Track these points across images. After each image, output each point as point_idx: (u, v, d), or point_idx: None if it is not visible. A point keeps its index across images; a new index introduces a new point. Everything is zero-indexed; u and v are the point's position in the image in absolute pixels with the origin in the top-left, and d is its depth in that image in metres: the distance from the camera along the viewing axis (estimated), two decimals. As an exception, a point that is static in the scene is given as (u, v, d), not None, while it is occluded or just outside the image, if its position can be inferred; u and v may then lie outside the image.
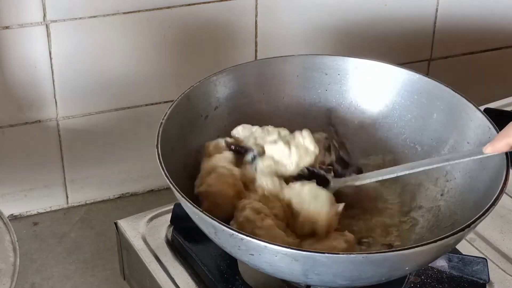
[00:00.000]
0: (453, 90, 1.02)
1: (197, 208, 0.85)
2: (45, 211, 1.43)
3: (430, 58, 1.55)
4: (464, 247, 1.03)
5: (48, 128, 1.35)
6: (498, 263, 1.02)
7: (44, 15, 1.25)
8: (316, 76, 1.08)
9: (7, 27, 1.25)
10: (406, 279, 0.97)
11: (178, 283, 0.99)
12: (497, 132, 0.93)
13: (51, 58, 1.29)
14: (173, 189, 0.88)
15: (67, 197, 1.43)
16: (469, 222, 0.84)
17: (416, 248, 0.82)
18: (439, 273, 0.98)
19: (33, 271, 1.30)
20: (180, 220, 1.04)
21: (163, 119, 0.96)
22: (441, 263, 0.98)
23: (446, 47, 1.54)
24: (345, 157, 1.05)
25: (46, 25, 1.26)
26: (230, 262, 0.98)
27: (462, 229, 0.83)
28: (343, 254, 0.81)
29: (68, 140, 1.37)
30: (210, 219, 0.84)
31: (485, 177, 0.92)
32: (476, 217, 0.84)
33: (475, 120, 0.98)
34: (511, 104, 1.32)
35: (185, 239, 1.02)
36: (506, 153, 0.90)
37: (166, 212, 1.08)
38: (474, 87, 1.50)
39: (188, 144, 1.00)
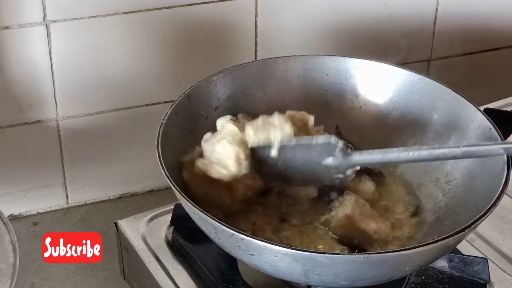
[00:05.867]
0: (454, 91, 1.01)
1: (198, 208, 0.85)
2: (45, 211, 1.43)
3: (429, 58, 1.55)
4: (464, 247, 1.03)
5: (48, 128, 1.35)
6: (498, 263, 1.02)
7: (44, 15, 1.25)
8: (316, 77, 1.08)
9: (7, 27, 1.25)
10: (407, 280, 0.97)
11: (178, 283, 0.99)
12: (498, 133, 0.93)
13: (51, 58, 1.29)
14: (174, 189, 0.88)
15: (67, 197, 1.43)
16: (469, 223, 0.84)
17: (416, 249, 0.82)
18: (440, 274, 0.98)
19: (33, 271, 1.29)
20: (180, 221, 1.04)
21: (163, 119, 0.96)
22: (442, 263, 0.99)
23: (446, 47, 1.54)
24: None
25: (46, 25, 1.26)
26: (230, 263, 0.98)
27: (463, 230, 0.83)
28: (343, 254, 0.82)
29: (68, 140, 1.37)
30: (211, 219, 0.84)
31: (486, 177, 0.92)
32: (477, 217, 0.84)
33: (476, 121, 0.98)
34: (511, 104, 1.32)
35: (186, 239, 1.02)
36: (507, 154, 0.90)
37: (166, 212, 1.08)
38: (474, 87, 1.49)
39: (188, 144, 1.00)
